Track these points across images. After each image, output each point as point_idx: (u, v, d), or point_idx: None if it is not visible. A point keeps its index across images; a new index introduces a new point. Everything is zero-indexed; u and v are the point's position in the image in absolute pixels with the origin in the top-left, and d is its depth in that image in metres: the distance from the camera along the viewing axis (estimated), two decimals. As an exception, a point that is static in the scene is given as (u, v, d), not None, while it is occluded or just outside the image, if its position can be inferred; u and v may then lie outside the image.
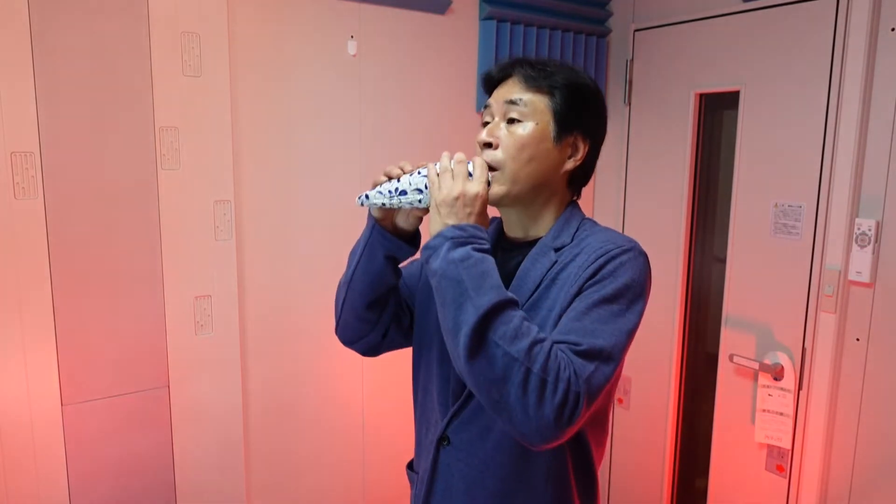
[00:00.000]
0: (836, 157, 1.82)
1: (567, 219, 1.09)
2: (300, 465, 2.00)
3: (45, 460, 1.58)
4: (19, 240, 1.49)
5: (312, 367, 1.97)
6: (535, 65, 1.07)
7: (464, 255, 0.93)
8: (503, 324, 0.89)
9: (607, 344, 0.93)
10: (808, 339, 1.91)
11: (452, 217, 0.96)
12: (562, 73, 1.07)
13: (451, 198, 0.96)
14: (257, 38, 1.77)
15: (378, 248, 1.09)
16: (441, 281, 0.93)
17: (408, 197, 1.03)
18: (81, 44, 1.52)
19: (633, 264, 0.99)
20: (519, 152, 1.04)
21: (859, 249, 1.78)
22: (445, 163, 1.00)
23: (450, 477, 1.11)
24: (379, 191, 1.05)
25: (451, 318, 0.91)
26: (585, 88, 1.07)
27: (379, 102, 1.98)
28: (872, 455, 1.81)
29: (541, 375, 0.87)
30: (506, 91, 1.07)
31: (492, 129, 1.06)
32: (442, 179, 0.99)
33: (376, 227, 1.09)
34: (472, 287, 0.90)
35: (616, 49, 2.42)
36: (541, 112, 1.04)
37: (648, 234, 2.37)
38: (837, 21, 1.80)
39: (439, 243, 0.95)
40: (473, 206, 0.97)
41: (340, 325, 1.19)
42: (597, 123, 1.10)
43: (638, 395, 2.45)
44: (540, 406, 0.87)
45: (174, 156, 1.66)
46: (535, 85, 1.05)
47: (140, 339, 1.68)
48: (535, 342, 0.88)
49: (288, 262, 1.89)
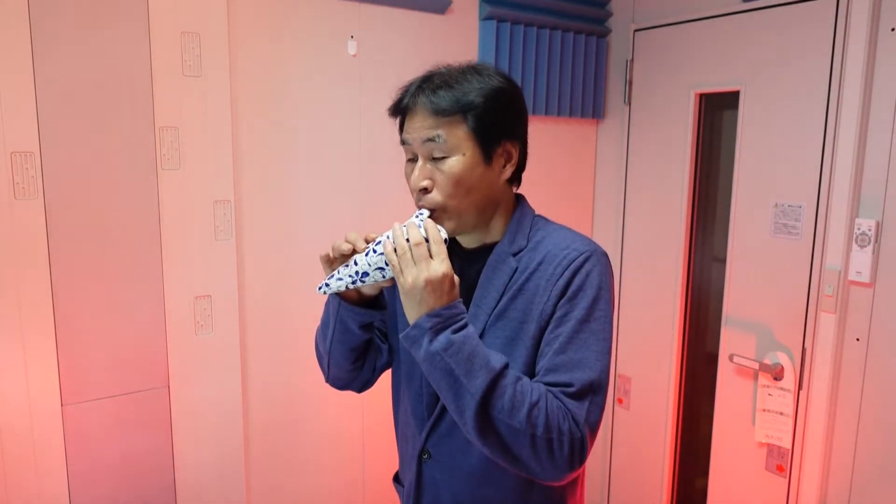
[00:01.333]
0: (836, 157, 1.82)
1: (518, 220, 1.10)
2: (300, 465, 2.00)
3: (45, 460, 1.58)
4: (19, 240, 1.49)
5: (312, 367, 1.96)
6: (437, 88, 1.01)
7: (445, 344, 0.93)
8: (499, 398, 0.92)
9: (595, 374, 0.98)
10: (808, 339, 1.91)
11: (424, 305, 0.94)
12: (469, 86, 1.01)
13: (419, 287, 0.93)
14: (257, 38, 1.77)
15: (350, 322, 1.10)
16: (431, 371, 0.95)
17: (370, 277, 1.02)
18: (81, 44, 1.52)
19: (598, 271, 1.02)
20: (455, 189, 1.01)
21: (859, 249, 1.78)
22: (401, 241, 0.96)
23: (436, 490, 1.12)
24: (339, 278, 1.04)
25: (452, 402, 0.95)
26: (498, 94, 1.03)
27: (379, 102, 1.98)
28: (872, 455, 1.81)
29: (545, 437, 0.93)
30: (419, 126, 1.02)
31: (422, 171, 1.02)
32: (403, 266, 0.95)
33: (343, 303, 1.09)
34: (462, 374, 0.92)
35: (616, 49, 2.42)
36: (462, 140, 1.01)
37: (648, 234, 2.37)
38: (837, 21, 1.80)
39: (418, 334, 0.94)
40: (442, 288, 0.94)
41: (330, 379, 1.23)
42: (518, 121, 1.08)
43: (638, 395, 2.45)
44: (552, 461, 0.94)
45: (174, 156, 1.66)
46: (445, 115, 1.00)
47: (140, 339, 1.68)
48: (531, 407, 0.93)
49: (288, 263, 1.89)
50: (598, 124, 2.50)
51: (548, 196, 2.12)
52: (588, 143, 2.50)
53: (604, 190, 2.52)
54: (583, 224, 2.55)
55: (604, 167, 2.51)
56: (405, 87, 1.07)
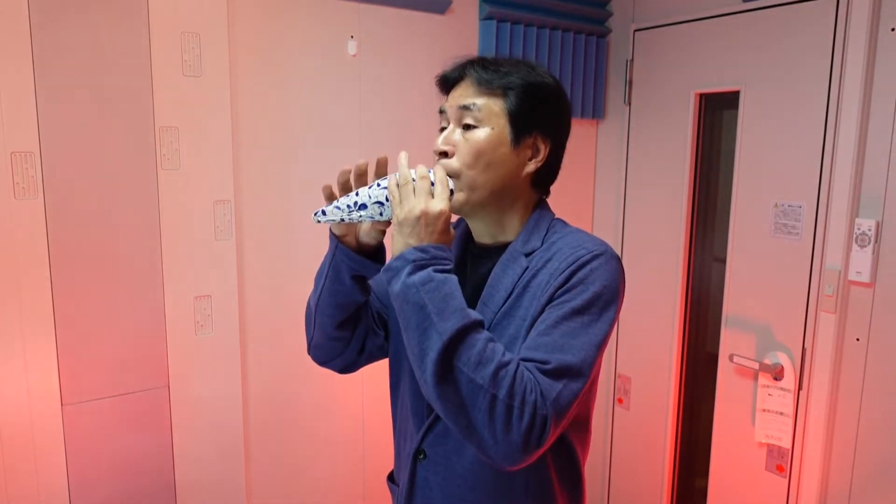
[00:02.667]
0: (836, 157, 1.82)
1: (536, 221, 1.07)
2: (300, 465, 2.00)
3: (45, 460, 1.58)
4: (19, 240, 1.49)
5: (312, 367, 1.97)
6: (488, 65, 1.03)
7: (425, 279, 0.90)
8: (468, 348, 0.88)
9: (576, 360, 0.92)
10: (808, 339, 1.91)
11: (414, 237, 0.93)
12: (517, 72, 1.03)
13: (413, 217, 0.92)
14: (257, 38, 1.77)
15: (343, 269, 1.07)
16: (403, 305, 0.91)
17: (368, 211, 0.99)
18: (81, 44, 1.52)
19: (605, 269, 0.98)
20: (475, 160, 1.00)
21: (859, 249, 1.78)
22: (405, 173, 0.96)
23: (428, 491, 1.10)
24: (337, 206, 1.00)
25: (416, 343, 0.90)
26: (542, 87, 1.03)
27: (379, 102, 1.98)
28: (872, 455, 1.81)
29: (506, 402, 0.86)
30: (459, 94, 1.04)
31: (447, 136, 1.03)
32: (403, 195, 0.94)
33: (339, 246, 1.06)
34: (434, 312, 0.88)
35: (616, 49, 2.42)
36: (496, 116, 1.01)
37: (648, 234, 2.37)
38: (837, 21, 1.80)
39: (400, 265, 0.92)
40: (435, 226, 0.93)
41: (312, 346, 1.18)
42: (557, 122, 1.06)
43: (638, 395, 2.45)
44: (507, 432, 0.86)
45: (174, 156, 1.66)
46: (488, 87, 1.01)
47: (140, 338, 1.68)
48: (499, 366, 0.87)
49: (288, 262, 1.89)
50: (598, 124, 2.50)
51: (548, 196, 2.11)
52: (588, 143, 2.50)
53: (604, 190, 2.52)
54: (583, 224, 2.55)
55: (604, 167, 2.51)
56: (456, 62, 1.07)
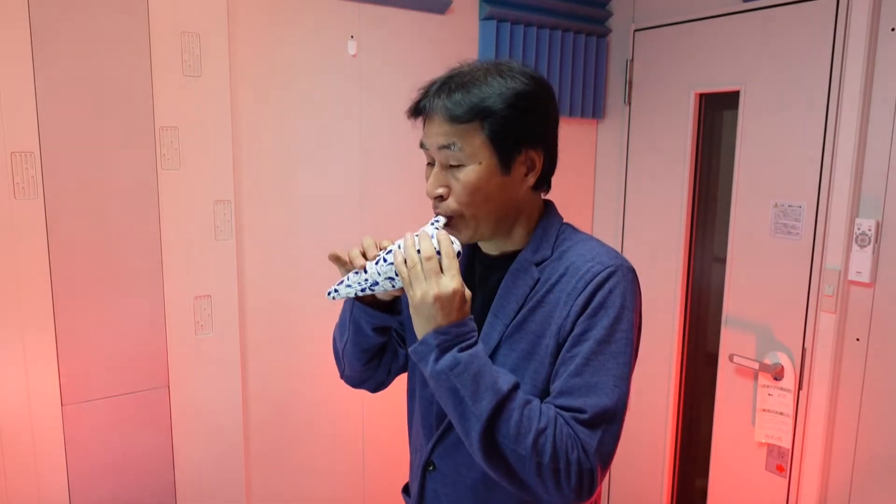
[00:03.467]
0: (836, 157, 1.82)
1: (545, 229, 1.05)
2: (300, 465, 2.00)
3: (45, 460, 1.58)
4: (19, 240, 1.49)
5: (312, 367, 1.97)
6: (454, 90, 0.97)
7: (451, 363, 0.90)
8: (505, 422, 0.89)
9: (611, 402, 0.92)
10: (808, 339, 1.91)
11: (432, 321, 0.92)
12: (488, 90, 0.96)
13: (429, 303, 0.91)
14: (257, 38, 1.77)
15: (363, 323, 1.09)
16: (437, 388, 0.93)
17: (380, 286, 1.00)
18: (82, 43, 1.52)
19: (622, 287, 0.96)
20: (471, 197, 0.98)
21: (859, 249, 1.78)
22: (412, 252, 0.93)
23: (437, 502, 1.10)
24: (348, 285, 1.02)
25: (458, 424, 0.92)
26: (518, 99, 0.96)
27: (379, 102, 1.98)
28: (872, 455, 1.81)
29: (551, 466, 0.88)
30: (435, 133, 0.98)
31: (437, 179, 1.00)
32: (413, 279, 0.93)
33: (356, 305, 1.08)
34: (468, 395, 0.90)
35: (616, 49, 2.42)
36: (478, 150, 0.96)
37: (648, 235, 2.37)
38: (837, 21, 1.80)
39: (425, 351, 0.92)
40: (452, 305, 0.91)
41: (345, 376, 1.23)
42: (544, 125, 1.02)
43: (638, 395, 2.45)
44: (558, 490, 0.90)
45: (174, 156, 1.66)
46: (461, 121, 0.96)
47: (140, 339, 1.68)
48: (538, 434, 0.89)
49: (288, 262, 1.89)
50: (598, 124, 2.50)
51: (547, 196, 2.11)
52: (588, 143, 2.50)
53: (604, 190, 2.52)
54: (583, 224, 2.54)
55: (604, 167, 2.51)
56: (425, 88, 1.02)
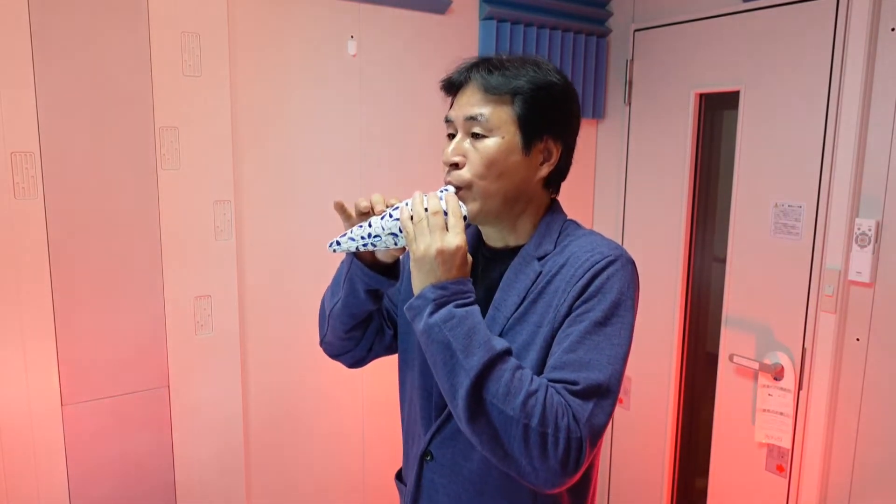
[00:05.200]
0: (836, 157, 1.82)
1: (548, 224, 1.06)
2: (300, 464, 2.00)
3: (45, 460, 1.58)
4: (19, 240, 1.49)
5: (312, 367, 1.97)
6: (493, 68, 1.00)
7: (446, 316, 0.90)
8: (495, 381, 0.88)
9: (604, 377, 0.91)
10: (808, 339, 1.91)
11: (432, 275, 0.92)
12: (524, 73, 0.99)
13: (430, 256, 0.91)
14: (257, 38, 1.77)
15: (358, 283, 1.08)
16: (428, 344, 0.92)
17: (382, 241, 1.00)
18: (81, 44, 1.52)
19: (621, 276, 0.97)
20: (487, 170, 0.99)
21: (859, 249, 1.78)
22: (419, 208, 0.94)
23: (434, 493, 1.10)
24: (350, 237, 1.01)
25: (445, 381, 0.91)
26: (550, 88, 1.00)
27: (379, 102, 1.98)
28: (872, 455, 1.81)
29: (539, 429, 0.86)
30: (465, 102, 1.01)
31: (457, 146, 1.01)
32: (417, 232, 0.93)
33: (355, 261, 1.07)
34: (459, 349, 0.89)
35: (616, 49, 2.42)
36: (504, 124, 0.99)
37: (648, 234, 2.37)
38: (837, 21, 1.80)
39: (421, 305, 0.92)
40: (453, 262, 0.92)
41: (325, 342, 1.21)
42: (567, 121, 1.05)
43: (638, 395, 2.45)
44: (544, 459, 0.87)
45: (174, 156, 1.66)
46: (495, 94, 0.99)
47: (140, 339, 1.68)
48: (528, 395, 0.87)
49: (288, 262, 1.89)
50: (598, 124, 2.50)
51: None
52: (588, 143, 2.50)
53: (604, 190, 2.52)
54: (583, 224, 2.55)
55: (604, 167, 2.51)
56: (459, 64, 1.04)
